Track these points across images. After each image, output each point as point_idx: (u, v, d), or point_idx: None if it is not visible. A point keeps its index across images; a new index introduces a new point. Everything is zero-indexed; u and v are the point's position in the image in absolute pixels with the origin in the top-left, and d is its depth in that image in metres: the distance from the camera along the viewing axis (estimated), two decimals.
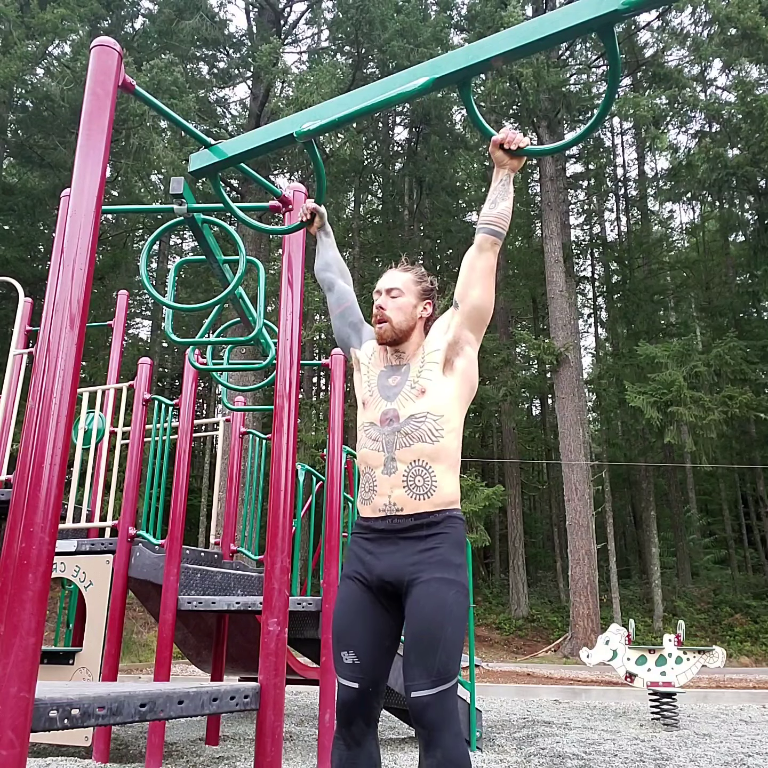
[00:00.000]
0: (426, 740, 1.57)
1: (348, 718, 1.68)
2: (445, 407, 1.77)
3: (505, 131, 1.77)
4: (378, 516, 1.76)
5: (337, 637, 1.74)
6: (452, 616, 1.63)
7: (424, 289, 1.92)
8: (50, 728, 1.28)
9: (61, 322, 1.44)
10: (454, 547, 1.72)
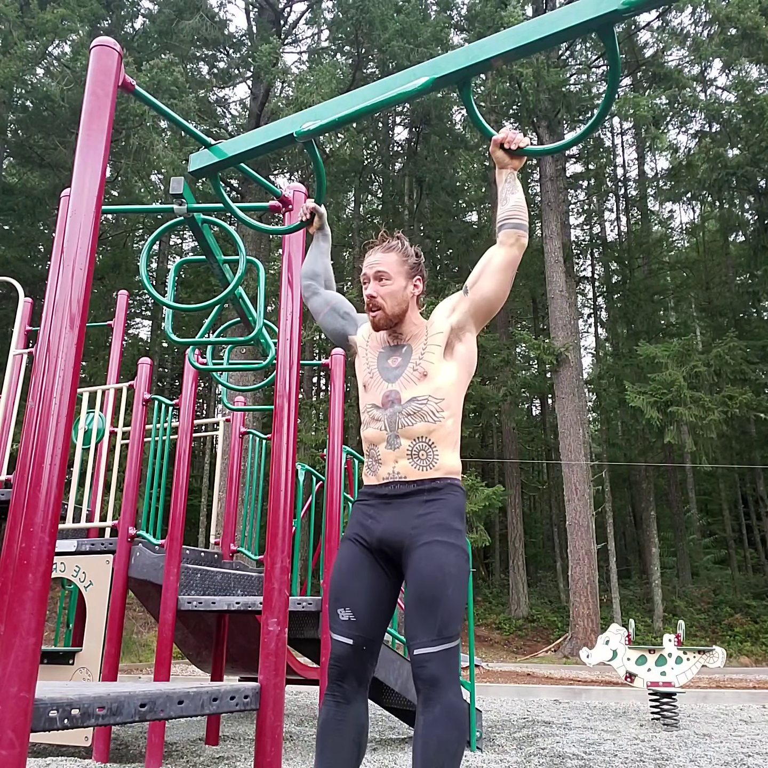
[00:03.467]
0: (425, 695, 1.58)
1: (340, 674, 1.69)
2: (446, 391, 1.79)
3: (505, 131, 1.78)
4: (381, 483, 1.79)
5: (335, 595, 1.76)
6: (453, 578, 1.65)
7: (411, 266, 1.89)
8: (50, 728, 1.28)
9: (61, 322, 1.44)
10: (454, 513, 1.74)
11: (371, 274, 1.87)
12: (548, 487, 23.13)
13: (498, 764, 3.27)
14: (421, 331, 1.86)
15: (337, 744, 1.66)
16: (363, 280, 1.90)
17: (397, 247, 1.89)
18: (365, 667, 1.72)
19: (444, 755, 1.54)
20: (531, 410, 27.62)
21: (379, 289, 1.85)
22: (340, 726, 1.67)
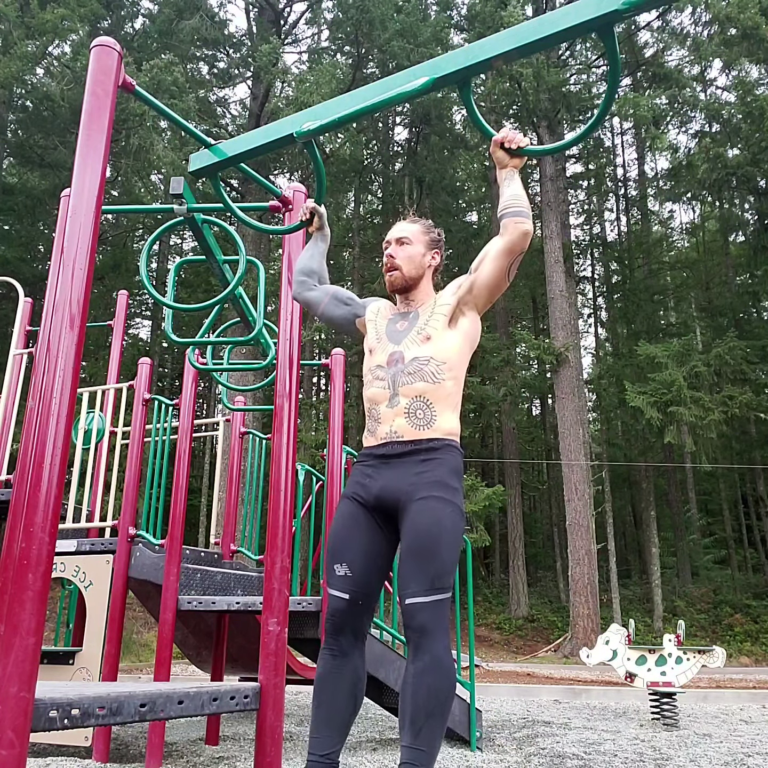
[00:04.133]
0: (415, 644, 1.60)
1: (336, 628, 1.71)
2: (447, 356, 1.85)
3: (505, 131, 1.79)
4: (379, 443, 1.83)
5: (332, 551, 1.79)
6: (447, 531, 1.67)
7: (432, 239, 2.00)
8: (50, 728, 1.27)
9: (61, 322, 1.44)
10: (451, 472, 1.77)
11: (393, 239, 1.97)
12: (548, 487, 23.13)
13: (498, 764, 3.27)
14: (431, 302, 1.94)
15: (333, 697, 1.68)
16: (385, 246, 2.00)
17: (422, 221, 2.02)
18: (361, 621, 1.74)
19: (434, 702, 1.55)
20: (531, 410, 27.62)
21: (398, 251, 1.95)
22: (336, 679, 1.69)
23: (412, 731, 1.54)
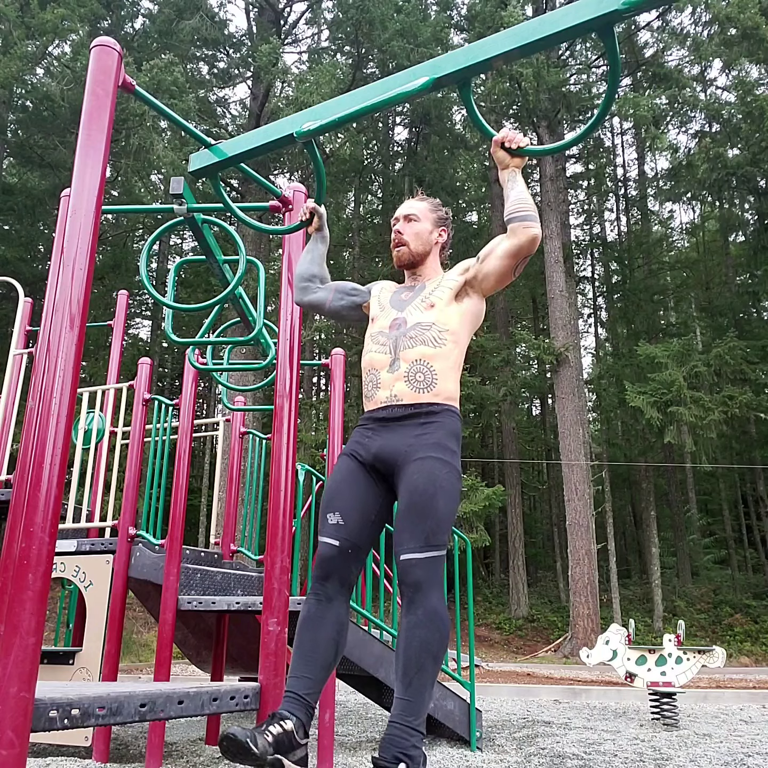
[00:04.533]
0: (409, 599, 1.61)
1: (324, 574, 1.73)
2: (450, 324, 1.88)
3: (505, 131, 1.79)
4: (379, 407, 1.85)
5: (326, 501, 1.81)
6: (444, 491, 1.69)
7: (440, 217, 2.05)
8: (50, 728, 1.27)
9: (61, 322, 1.44)
10: (450, 435, 1.79)
11: (401, 215, 2.02)
12: (548, 487, 23.13)
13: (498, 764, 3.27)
14: (438, 277, 1.99)
15: (315, 639, 1.69)
16: (393, 222, 2.04)
17: (429, 199, 2.07)
18: (349, 570, 1.75)
19: (426, 655, 1.57)
20: (531, 410, 27.62)
21: (406, 228, 2.00)
22: (319, 622, 1.70)
23: (404, 683, 1.56)
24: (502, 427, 20.12)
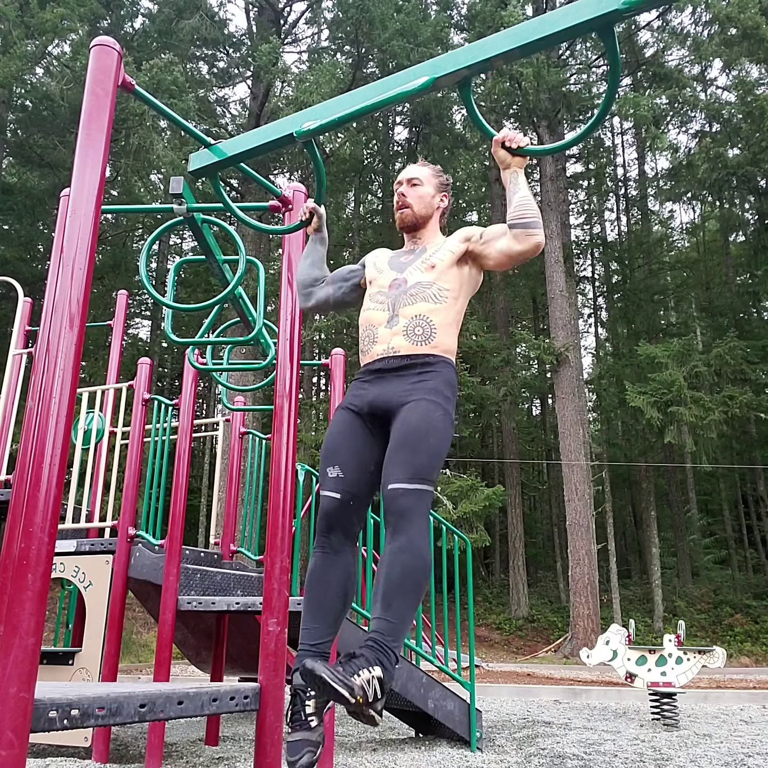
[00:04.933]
0: (394, 527, 1.62)
1: (328, 527, 1.75)
2: (450, 284, 1.91)
3: (505, 131, 1.79)
4: (375, 359, 1.87)
5: (325, 456, 1.83)
6: (436, 430, 1.71)
7: (441, 182, 2.09)
8: (50, 729, 1.27)
9: (60, 321, 1.44)
10: (445, 383, 1.82)
11: (404, 179, 2.06)
12: (548, 487, 23.13)
13: (498, 764, 3.26)
14: (439, 241, 2.02)
15: (323, 591, 1.71)
16: (396, 187, 2.07)
17: (431, 165, 2.12)
18: (351, 521, 1.77)
19: (408, 581, 1.57)
20: (531, 410, 27.62)
21: (409, 191, 2.04)
22: (327, 574, 1.72)
23: (383, 605, 1.55)
24: (503, 427, 20.12)
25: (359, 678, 1.42)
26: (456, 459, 20.98)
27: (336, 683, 1.38)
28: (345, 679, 1.39)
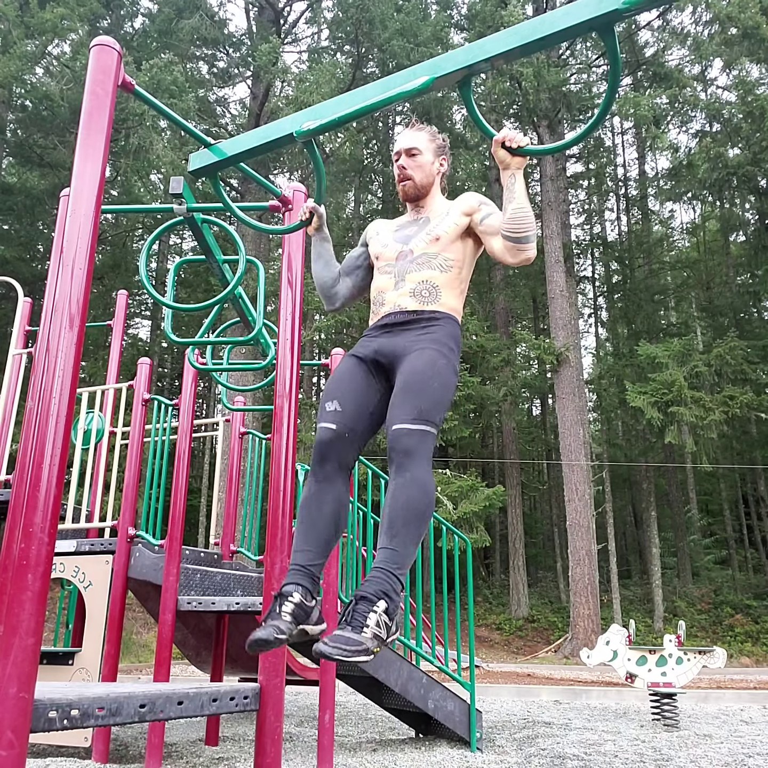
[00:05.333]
0: (398, 464, 1.65)
1: (322, 456, 1.77)
2: (455, 255, 1.95)
3: (506, 131, 1.78)
4: (382, 316, 1.93)
5: (325, 394, 1.87)
6: (441, 376, 1.75)
7: (439, 145, 2.09)
8: (50, 729, 1.27)
9: (60, 321, 1.43)
10: (449, 336, 1.86)
11: (403, 149, 2.04)
12: (548, 487, 23.13)
13: (498, 765, 3.26)
14: (442, 210, 2.02)
15: (316, 515, 1.73)
16: (395, 157, 2.07)
17: (427, 128, 2.09)
18: (346, 452, 1.79)
19: (412, 513, 1.59)
20: (531, 410, 27.61)
21: (409, 162, 2.03)
22: (319, 499, 1.74)
23: (389, 534, 1.58)
24: (503, 427, 20.11)
25: (368, 629, 1.44)
26: (456, 459, 20.98)
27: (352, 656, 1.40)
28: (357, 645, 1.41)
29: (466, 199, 2.02)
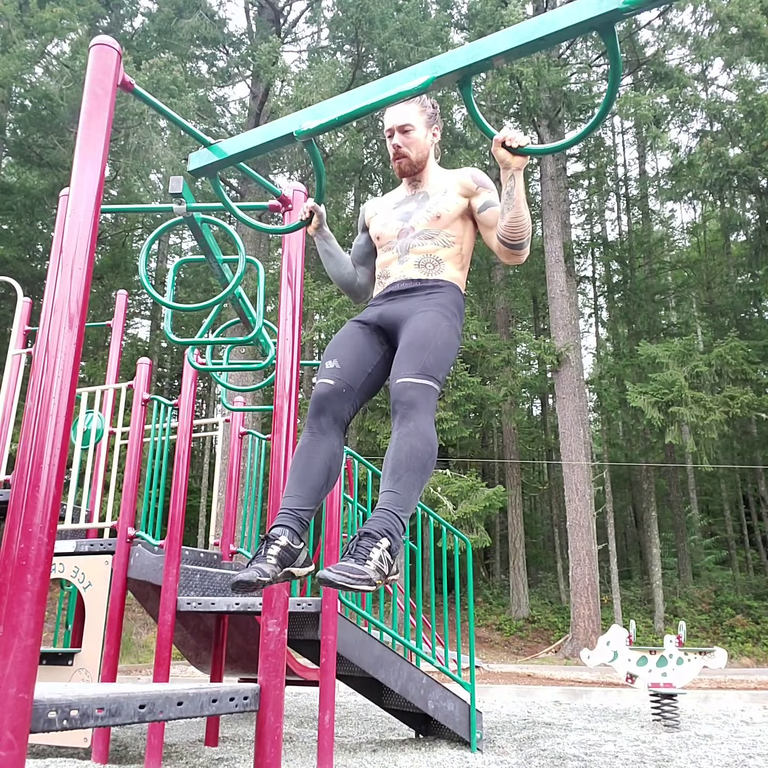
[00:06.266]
0: (402, 415, 1.68)
1: (318, 409, 1.80)
2: (456, 232, 1.97)
3: (506, 131, 1.77)
4: (387, 286, 1.96)
5: (326, 355, 1.90)
6: (444, 335, 1.79)
7: (429, 115, 2.09)
8: (49, 729, 1.27)
9: (60, 321, 1.43)
10: (452, 302, 1.89)
11: (396, 126, 2.03)
12: (549, 487, 23.12)
13: (498, 765, 3.26)
14: (440, 186, 2.04)
15: (308, 463, 1.76)
16: (387, 134, 2.06)
17: (415, 98, 2.03)
18: (342, 407, 1.82)
19: (415, 461, 1.62)
20: (531, 410, 27.60)
21: (404, 139, 2.03)
22: (313, 449, 1.76)
23: (392, 479, 1.61)
24: (503, 427, 20.11)
25: (372, 561, 1.47)
26: (456, 459, 20.98)
27: (356, 584, 1.42)
28: (360, 575, 1.43)
29: (464, 177, 2.04)
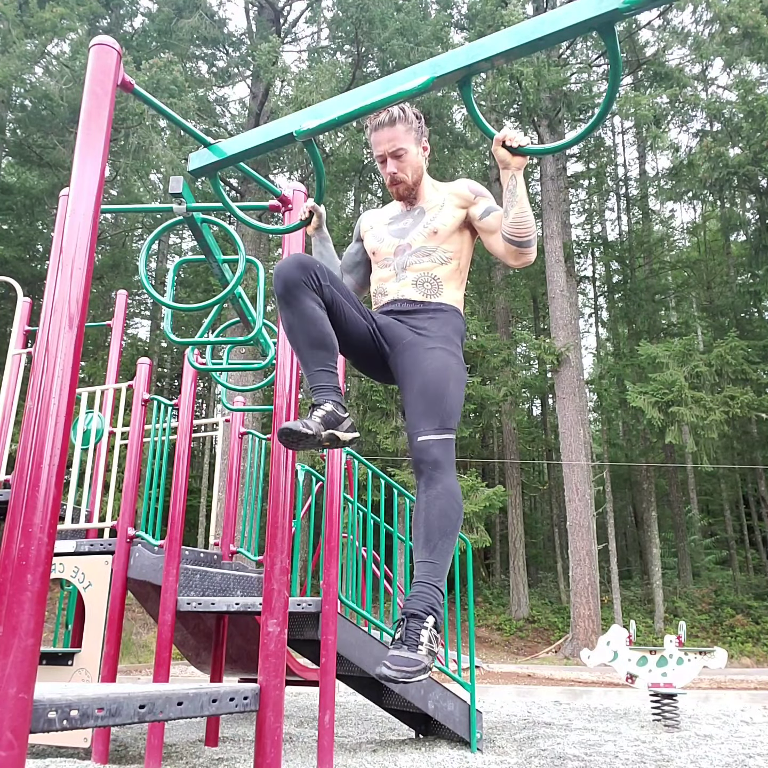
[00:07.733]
0: (428, 476, 1.72)
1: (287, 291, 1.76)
2: (454, 246, 1.97)
3: (506, 130, 1.77)
4: (387, 302, 1.96)
5: None
6: (455, 377, 1.82)
7: (416, 131, 2.04)
8: (49, 729, 1.26)
9: (59, 321, 1.43)
10: (456, 332, 1.92)
11: (388, 153, 1.99)
12: (549, 487, 23.12)
13: (498, 765, 3.26)
14: (436, 201, 2.02)
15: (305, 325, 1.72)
16: (379, 160, 2.03)
17: (399, 115, 1.98)
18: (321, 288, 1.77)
19: (447, 524, 1.67)
20: (531, 410, 27.60)
21: (398, 164, 2.01)
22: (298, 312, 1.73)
23: (428, 549, 1.65)
24: (503, 427, 20.11)
25: (423, 646, 1.50)
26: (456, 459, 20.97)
27: (415, 676, 1.45)
28: (416, 665, 1.46)
29: (460, 189, 2.01)
